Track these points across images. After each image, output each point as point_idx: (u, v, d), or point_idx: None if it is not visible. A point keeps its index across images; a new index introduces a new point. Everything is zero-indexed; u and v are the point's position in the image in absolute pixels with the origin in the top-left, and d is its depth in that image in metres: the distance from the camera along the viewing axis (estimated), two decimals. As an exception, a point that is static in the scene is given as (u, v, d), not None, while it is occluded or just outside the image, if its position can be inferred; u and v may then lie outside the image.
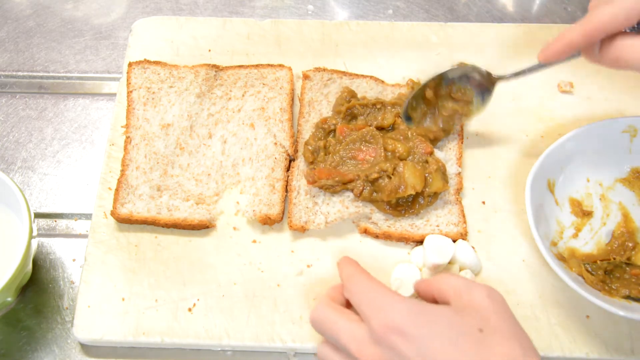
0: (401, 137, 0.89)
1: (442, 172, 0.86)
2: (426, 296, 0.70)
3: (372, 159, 0.87)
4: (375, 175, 0.84)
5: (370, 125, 0.90)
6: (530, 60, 1.00)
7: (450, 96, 0.89)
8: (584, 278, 0.80)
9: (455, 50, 1.01)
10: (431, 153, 0.88)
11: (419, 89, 0.88)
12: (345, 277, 0.71)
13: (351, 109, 0.91)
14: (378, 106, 0.92)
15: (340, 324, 0.66)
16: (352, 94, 0.93)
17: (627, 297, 0.79)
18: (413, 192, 0.84)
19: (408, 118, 0.89)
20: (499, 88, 0.90)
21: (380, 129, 0.91)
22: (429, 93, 0.88)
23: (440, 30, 1.04)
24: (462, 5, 1.13)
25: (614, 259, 0.82)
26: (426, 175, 0.85)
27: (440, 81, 0.88)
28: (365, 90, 0.95)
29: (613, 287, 0.80)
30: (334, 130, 0.90)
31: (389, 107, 0.92)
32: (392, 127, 0.91)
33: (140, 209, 0.86)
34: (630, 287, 0.79)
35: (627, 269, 0.81)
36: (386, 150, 0.87)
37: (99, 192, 0.90)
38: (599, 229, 0.87)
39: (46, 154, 0.97)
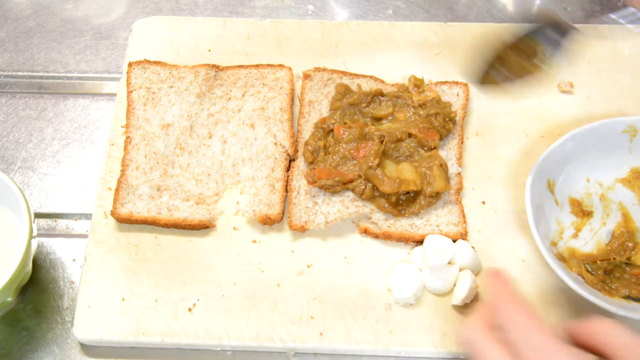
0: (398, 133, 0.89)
1: (445, 171, 0.86)
2: (582, 341, 0.65)
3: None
4: (377, 162, 0.84)
5: (367, 118, 0.91)
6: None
7: (524, 53, 0.82)
8: (584, 278, 0.80)
9: (455, 50, 1.01)
10: (436, 147, 0.88)
11: (494, 51, 0.82)
12: (501, 302, 0.67)
13: (346, 99, 0.92)
14: (379, 97, 0.92)
15: (493, 355, 0.63)
16: (347, 88, 0.93)
17: (627, 297, 0.79)
18: (415, 188, 0.84)
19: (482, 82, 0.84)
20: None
21: (378, 119, 0.91)
22: (508, 54, 0.82)
23: (440, 30, 1.04)
24: (462, 5, 1.13)
25: (614, 259, 0.82)
26: (427, 172, 0.85)
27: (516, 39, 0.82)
28: (365, 90, 0.96)
29: (613, 287, 0.80)
30: (333, 130, 0.90)
31: (385, 98, 0.92)
32: (392, 118, 0.92)
33: (140, 209, 0.86)
34: (630, 287, 0.79)
35: (627, 268, 0.81)
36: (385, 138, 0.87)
37: (99, 192, 0.90)
38: (599, 229, 0.87)
39: (46, 154, 0.97)
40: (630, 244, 0.85)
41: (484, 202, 0.89)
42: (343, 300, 0.82)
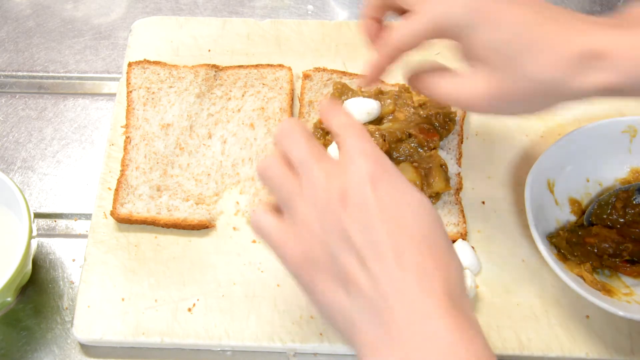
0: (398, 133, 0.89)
1: (445, 171, 0.86)
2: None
3: None
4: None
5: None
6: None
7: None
8: (583, 278, 0.80)
9: (455, 50, 1.01)
10: (436, 147, 0.88)
11: (609, 194, 0.82)
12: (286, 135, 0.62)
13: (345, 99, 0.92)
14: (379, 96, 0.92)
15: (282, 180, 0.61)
16: (344, 86, 0.93)
17: (595, 269, 0.80)
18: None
19: (590, 222, 0.82)
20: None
21: (378, 119, 0.91)
22: (619, 203, 0.81)
23: (440, 30, 1.03)
24: (462, 5, 1.12)
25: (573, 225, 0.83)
26: (427, 172, 0.85)
27: (633, 194, 0.81)
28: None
29: (574, 256, 0.80)
30: (334, 130, 0.90)
31: (385, 98, 0.92)
32: (392, 118, 0.91)
33: (140, 209, 0.86)
34: (589, 257, 0.80)
35: (580, 233, 0.82)
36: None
37: (98, 192, 0.90)
38: (599, 228, 0.87)
39: (46, 154, 0.97)
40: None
41: (483, 202, 0.89)
42: (343, 300, 0.82)
